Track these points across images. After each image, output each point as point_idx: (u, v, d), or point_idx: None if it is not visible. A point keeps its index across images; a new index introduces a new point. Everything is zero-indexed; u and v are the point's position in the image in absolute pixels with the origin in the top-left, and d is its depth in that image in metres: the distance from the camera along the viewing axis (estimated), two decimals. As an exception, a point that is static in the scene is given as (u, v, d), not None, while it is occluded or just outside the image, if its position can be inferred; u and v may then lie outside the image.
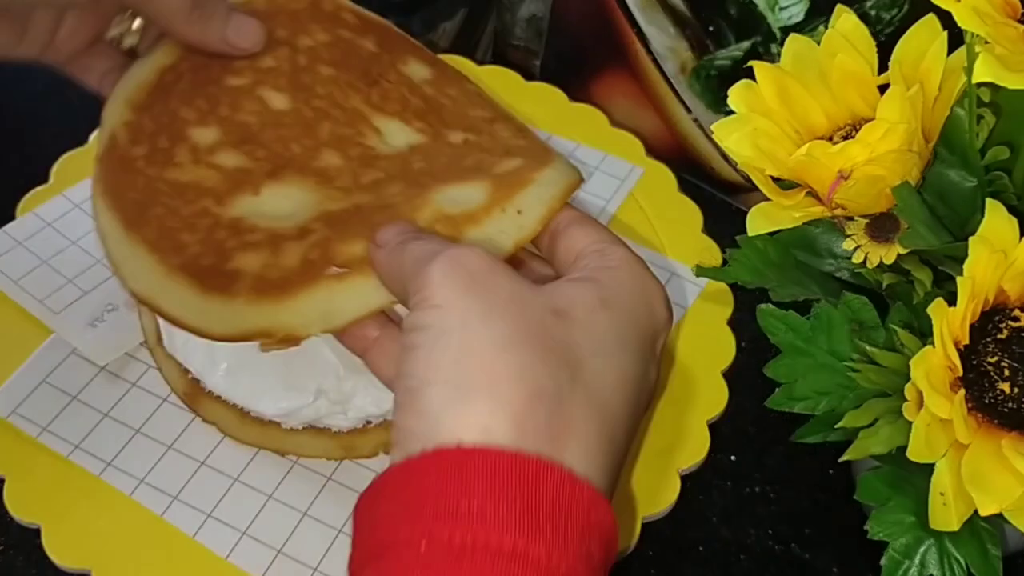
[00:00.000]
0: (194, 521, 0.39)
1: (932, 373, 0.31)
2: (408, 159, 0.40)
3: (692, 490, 0.41)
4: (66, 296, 0.45)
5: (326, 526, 0.39)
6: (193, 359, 0.42)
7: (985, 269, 0.32)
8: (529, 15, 0.60)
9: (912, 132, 0.34)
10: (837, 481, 0.45)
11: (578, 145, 0.53)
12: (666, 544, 0.43)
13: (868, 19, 0.44)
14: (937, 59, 0.35)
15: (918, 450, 0.31)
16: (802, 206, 0.36)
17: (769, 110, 0.37)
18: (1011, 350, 0.32)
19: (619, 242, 0.35)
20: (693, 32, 0.52)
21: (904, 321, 0.36)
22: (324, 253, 0.35)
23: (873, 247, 0.35)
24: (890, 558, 0.35)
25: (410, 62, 0.45)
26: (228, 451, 0.41)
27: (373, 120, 0.42)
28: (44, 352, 0.43)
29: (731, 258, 0.40)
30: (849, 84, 0.37)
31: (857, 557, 0.43)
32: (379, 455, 0.41)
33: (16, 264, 0.45)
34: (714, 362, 0.44)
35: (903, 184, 0.34)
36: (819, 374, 0.37)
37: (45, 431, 0.41)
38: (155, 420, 0.42)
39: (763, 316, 0.38)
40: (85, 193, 0.48)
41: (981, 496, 0.30)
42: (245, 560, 0.38)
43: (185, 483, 0.40)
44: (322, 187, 0.38)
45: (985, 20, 0.30)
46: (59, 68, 0.41)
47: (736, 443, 0.46)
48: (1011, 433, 0.32)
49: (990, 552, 0.34)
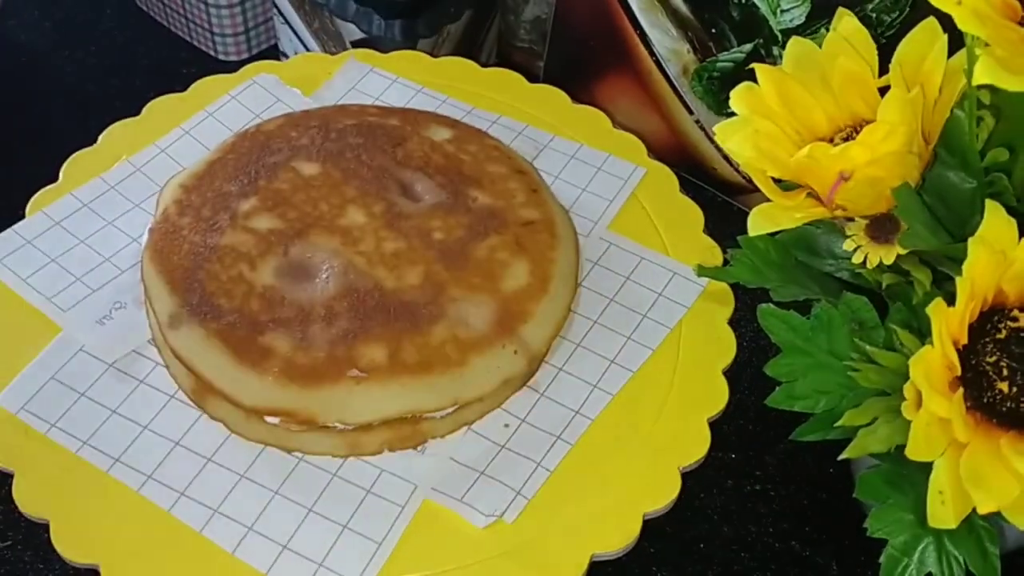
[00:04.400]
0: (201, 516, 0.39)
1: (931, 372, 0.32)
2: (429, 228, 0.45)
3: (693, 488, 0.42)
4: (74, 294, 0.45)
5: (332, 522, 0.39)
6: None
7: (984, 270, 0.32)
8: (533, 17, 0.61)
9: (912, 134, 0.35)
10: (836, 479, 0.46)
11: (581, 146, 0.53)
12: (667, 541, 0.43)
13: (869, 22, 0.44)
14: (937, 61, 0.35)
15: (917, 449, 0.32)
16: (803, 207, 0.36)
17: (770, 112, 0.37)
18: (1010, 350, 0.33)
19: None
20: (695, 35, 0.53)
21: (904, 321, 0.36)
22: (348, 352, 0.40)
23: (873, 248, 0.35)
24: (889, 556, 0.35)
25: (431, 127, 0.50)
26: (234, 448, 0.41)
27: (397, 174, 0.47)
28: (53, 349, 0.43)
29: (732, 258, 0.40)
30: (850, 86, 0.37)
31: (856, 555, 0.44)
32: (384, 452, 0.42)
33: (25, 262, 0.46)
34: (715, 361, 0.45)
35: (903, 185, 0.35)
36: (819, 373, 0.37)
37: (54, 427, 0.41)
38: (162, 417, 0.42)
39: (764, 316, 0.38)
40: (93, 192, 0.49)
41: (979, 494, 0.31)
42: (251, 555, 0.38)
43: (192, 479, 0.40)
44: (347, 248, 0.44)
45: (985, 23, 0.30)
46: None
47: (737, 441, 0.46)
48: (1009, 432, 0.32)
49: (988, 550, 0.34)
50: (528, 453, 0.42)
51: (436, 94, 0.55)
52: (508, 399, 0.43)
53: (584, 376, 0.44)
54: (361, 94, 0.54)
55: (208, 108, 0.53)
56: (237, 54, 0.62)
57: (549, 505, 0.40)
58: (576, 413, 0.43)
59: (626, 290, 0.47)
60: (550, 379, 0.44)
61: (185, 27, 0.62)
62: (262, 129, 0.49)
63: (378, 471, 0.41)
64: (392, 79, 0.55)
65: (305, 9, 0.57)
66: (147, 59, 0.62)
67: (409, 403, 0.41)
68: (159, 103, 0.53)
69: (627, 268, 0.48)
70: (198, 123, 0.52)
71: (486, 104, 0.54)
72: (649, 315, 0.47)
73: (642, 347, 0.45)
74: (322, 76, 0.55)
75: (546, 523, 0.40)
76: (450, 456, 0.42)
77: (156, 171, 0.50)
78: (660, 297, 0.47)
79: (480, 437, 0.42)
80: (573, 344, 0.45)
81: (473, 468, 0.41)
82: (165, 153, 0.51)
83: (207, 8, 0.60)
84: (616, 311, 0.47)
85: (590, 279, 0.48)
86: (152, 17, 0.64)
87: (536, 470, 0.41)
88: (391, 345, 0.41)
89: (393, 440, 0.41)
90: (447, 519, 0.40)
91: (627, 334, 0.46)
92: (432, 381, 0.41)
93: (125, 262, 0.46)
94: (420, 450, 0.42)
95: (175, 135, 0.51)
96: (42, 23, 0.64)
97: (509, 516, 0.40)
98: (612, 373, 0.44)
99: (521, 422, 0.43)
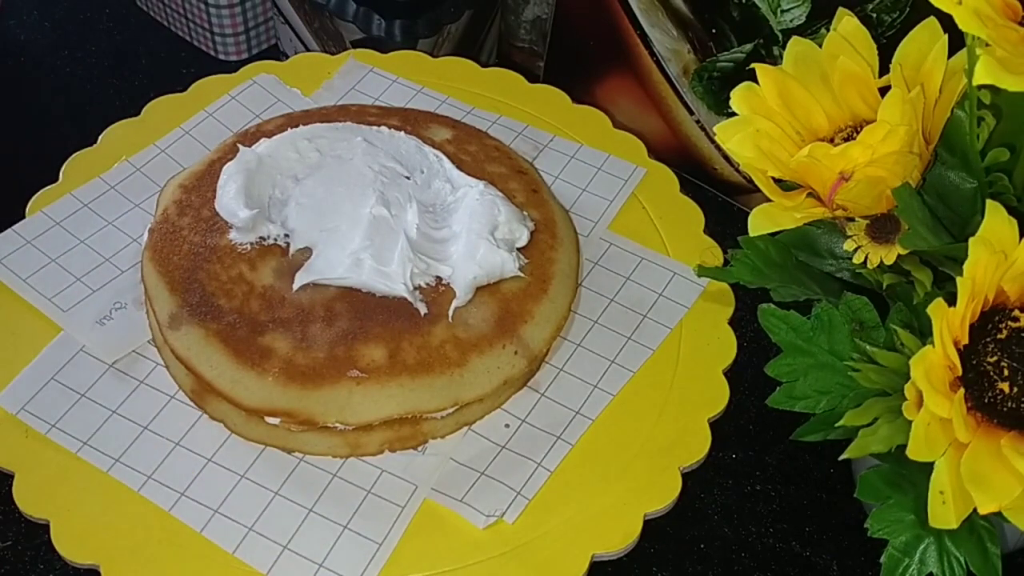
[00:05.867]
0: (201, 517, 0.39)
1: (932, 373, 0.32)
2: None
3: (693, 488, 0.42)
4: (75, 294, 0.45)
5: (332, 522, 0.39)
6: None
7: (985, 270, 0.32)
8: (533, 17, 0.61)
9: (913, 134, 0.35)
10: (837, 479, 0.46)
11: (581, 146, 0.53)
12: (667, 541, 0.43)
13: (869, 22, 0.44)
14: (938, 62, 0.36)
15: (918, 449, 0.32)
16: (803, 207, 0.36)
17: (771, 112, 0.37)
18: (1010, 350, 0.33)
19: None
20: (696, 34, 0.53)
21: (904, 321, 0.36)
22: (348, 353, 0.40)
23: (874, 248, 0.35)
24: (890, 556, 0.35)
25: (431, 127, 0.50)
26: (235, 448, 0.41)
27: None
28: (53, 350, 0.43)
29: (732, 258, 0.40)
30: (850, 86, 0.37)
31: (857, 555, 0.44)
32: (384, 453, 0.42)
33: (25, 262, 0.46)
34: (716, 361, 0.45)
35: (904, 185, 0.35)
36: (819, 373, 0.37)
37: (54, 428, 0.41)
38: (163, 417, 0.42)
39: (764, 316, 0.38)
40: (93, 192, 0.49)
41: (980, 495, 0.31)
42: (252, 555, 0.39)
43: (192, 479, 0.40)
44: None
45: (986, 23, 0.30)
46: None
47: (737, 441, 0.46)
48: (1010, 432, 0.32)
49: (989, 550, 0.34)
50: (529, 453, 0.42)
51: (436, 94, 0.55)
52: (508, 399, 0.43)
53: (585, 376, 0.44)
54: (361, 94, 0.54)
55: (208, 108, 0.53)
56: (237, 54, 0.62)
57: (550, 505, 0.40)
58: (576, 413, 0.43)
59: (626, 290, 0.47)
60: (550, 379, 0.44)
61: (185, 27, 0.62)
62: (262, 129, 0.49)
63: (378, 471, 0.41)
64: (392, 79, 0.55)
65: (305, 9, 0.57)
66: (147, 59, 0.62)
67: (409, 403, 0.40)
68: (159, 103, 0.53)
69: (627, 268, 0.48)
70: (198, 123, 0.52)
71: (486, 104, 0.54)
72: (650, 315, 0.47)
73: (643, 347, 0.45)
74: (322, 76, 0.55)
75: (546, 523, 0.40)
76: (450, 456, 0.42)
77: (156, 171, 0.50)
78: (660, 297, 0.47)
79: (480, 437, 0.42)
80: (573, 344, 0.45)
81: (474, 468, 0.41)
82: (165, 153, 0.51)
83: (207, 8, 0.60)
84: (616, 311, 0.47)
85: (590, 279, 0.48)
86: (152, 17, 0.64)
87: (536, 470, 0.41)
88: (391, 345, 0.41)
89: (393, 440, 0.41)
90: (448, 519, 0.40)
91: (628, 334, 0.46)
92: (432, 381, 0.41)
93: (125, 262, 0.47)
94: (420, 450, 0.42)
95: (175, 135, 0.51)
96: (42, 23, 0.64)
97: (510, 516, 0.40)
98: (613, 373, 0.44)
99: (521, 422, 0.43)
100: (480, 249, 0.42)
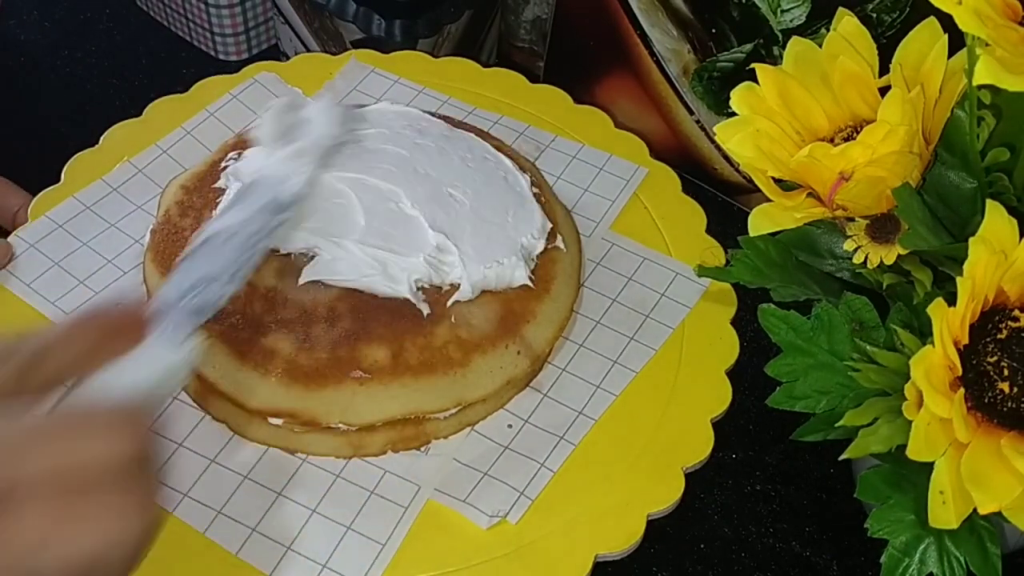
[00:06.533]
0: (204, 518, 0.39)
1: (932, 372, 0.32)
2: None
3: (693, 488, 0.42)
4: (77, 297, 0.45)
5: (335, 523, 0.40)
6: None
7: (985, 269, 0.32)
8: (533, 17, 0.61)
9: (913, 134, 0.35)
10: (837, 479, 0.46)
11: (582, 146, 0.53)
12: (668, 541, 0.43)
13: (869, 22, 0.44)
14: (938, 61, 0.36)
15: (918, 449, 0.32)
16: (803, 207, 0.36)
17: (771, 112, 0.38)
18: (1011, 350, 0.33)
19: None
20: (696, 35, 0.53)
21: (904, 321, 0.36)
22: (351, 353, 0.40)
23: (874, 248, 0.35)
24: (890, 556, 0.35)
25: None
26: (238, 449, 0.41)
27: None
28: (55, 351, 0.43)
29: (732, 258, 0.40)
30: (850, 86, 0.37)
31: (857, 555, 0.44)
32: (387, 453, 0.42)
33: (28, 266, 0.46)
34: (718, 361, 0.45)
35: (904, 185, 0.35)
36: (820, 373, 0.37)
37: (57, 429, 0.41)
38: (166, 418, 0.42)
39: (764, 315, 0.38)
40: (95, 195, 0.49)
41: (980, 495, 0.31)
42: (255, 557, 0.39)
43: (195, 481, 0.40)
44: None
45: (986, 23, 0.30)
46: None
47: (737, 441, 0.46)
48: (1010, 432, 0.32)
49: (989, 550, 0.34)
50: (531, 454, 0.42)
51: (438, 94, 0.55)
52: (511, 399, 0.44)
53: (587, 376, 0.44)
54: (362, 95, 0.54)
55: (209, 108, 0.53)
56: (237, 54, 0.62)
57: (553, 506, 0.40)
58: (579, 414, 0.43)
59: (629, 290, 0.48)
60: (553, 379, 0.44)
61: (185, 27, 0.62)
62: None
63: (382, 472, 0.41)
64: (394, 80, 0.55)
65: (305, 9, 0.57)
66: (147, 59, 0.62)
67: (412, 404, 0.41)
68: (160, 103, 0.53)
69: (629, 268, 0.48)
70: (199, 123, 0.52)
71: (487, 104, 0.54)
72: (652, 315, 0.47)
73: (645, 347, 0.45)
74: (323, 76, 0.55)
75: (550, 524, 0.40)
76: (453, 457, 0.42)
77: (158, 172, 0.50)
78: (663, 297, 0.47)
79: (483, 438, 0.43)
80: (576, 344, 0.45)
81: (477, 469, 0.41)
82: (167, 154, 0.51)
83: (207, 8, 0.60)
84: (619, 311, 0.47)
85: (593, 279, 0.48)
86: (152, 17, 0.64)
87: (539, 471, 0.41)
88: (394, 346, 0.41)
89: (396, 441, 0.42)
90: (451, 520, 0.40)
91: (630, 334, 0.46)
92: (435, 382, 0.41)
93: (127, 264, 0.47)
94: (424, 451, 0.42)
95: (176, 135, 0.52)
96: (42, 23, 0.64)
97: (513, 517, 0.40)
98: (615, 373, 0.45)
99: (524, 423, 0.43)
100: (499, 256, 0.43)
